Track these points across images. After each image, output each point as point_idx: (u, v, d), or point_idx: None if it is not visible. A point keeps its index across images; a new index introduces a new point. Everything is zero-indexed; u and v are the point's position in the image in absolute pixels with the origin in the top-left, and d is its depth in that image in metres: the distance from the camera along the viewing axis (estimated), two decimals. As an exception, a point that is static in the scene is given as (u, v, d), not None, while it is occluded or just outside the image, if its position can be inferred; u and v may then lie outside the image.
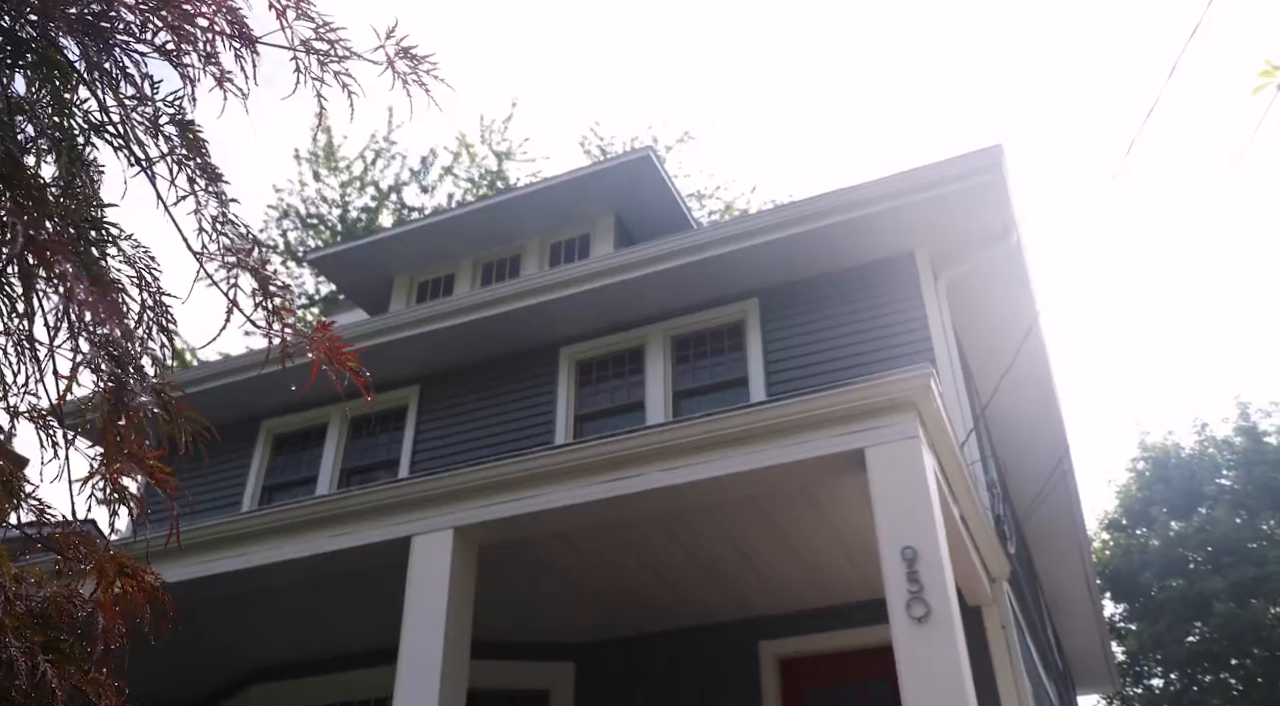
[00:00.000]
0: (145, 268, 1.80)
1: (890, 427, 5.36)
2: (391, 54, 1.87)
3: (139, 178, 1.74)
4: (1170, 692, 23.44)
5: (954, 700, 4.53)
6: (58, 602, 1.39)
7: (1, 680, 1.20)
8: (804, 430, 5.54)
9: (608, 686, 7.73)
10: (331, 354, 1.93)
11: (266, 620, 7.42)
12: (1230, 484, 24.05)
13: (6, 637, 1.25)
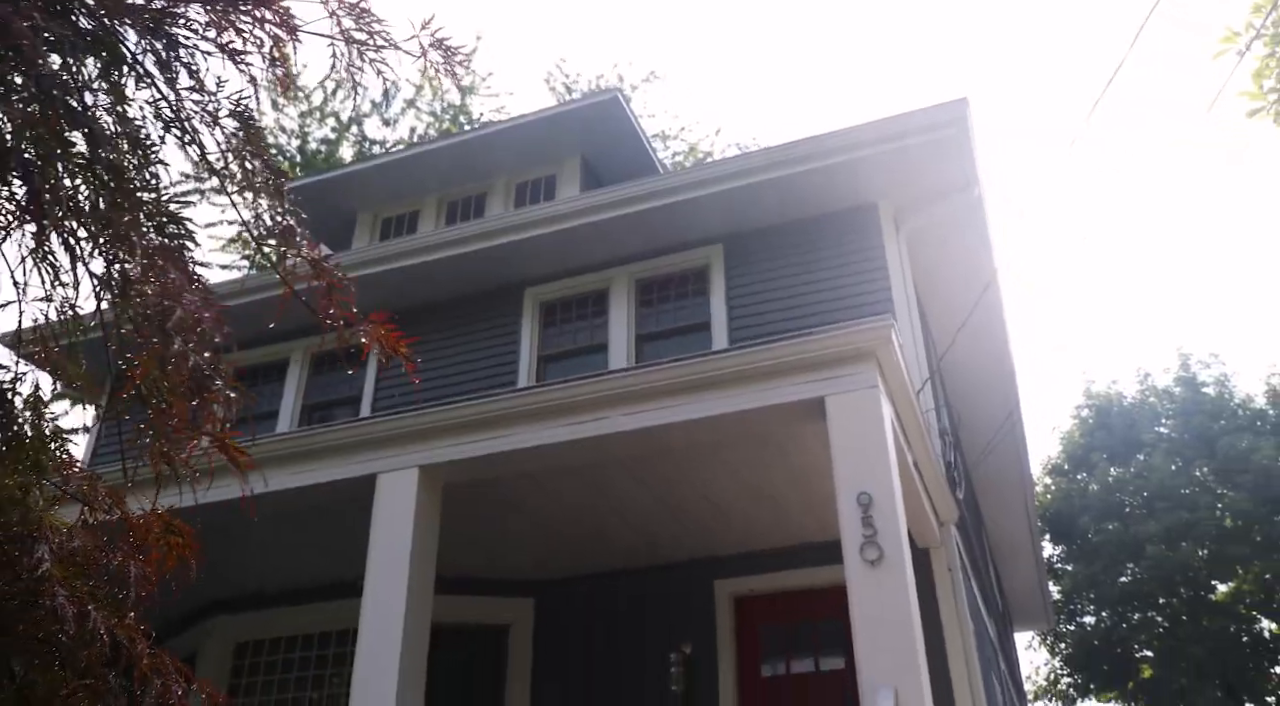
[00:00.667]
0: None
1: (851, 377, 5.52)
2: (426, 44, 1.90)
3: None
4: (1101, 630, 24.43)
5: (902, 638, 4.76)
6: (87, 552, 1.45)
7: (50, 626, 1.28)
8: (767, 378, 5.67)
9: (565, 622, 7.93)
10: (335, 296, 2.01)
11: (230, 554, 7.48)
12: (1168, 432, 24.85)
13: (55, 587, 1.32)
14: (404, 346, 2.01)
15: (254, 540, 7.27)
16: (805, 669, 7.29)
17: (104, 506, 1.56)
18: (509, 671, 7.84)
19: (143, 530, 1.68)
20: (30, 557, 1.32)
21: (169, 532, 1.73)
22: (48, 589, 1.30)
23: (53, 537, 1.36)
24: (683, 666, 7.32)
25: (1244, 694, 22.46)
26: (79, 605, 1.38)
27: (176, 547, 1.69)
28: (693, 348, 8.31)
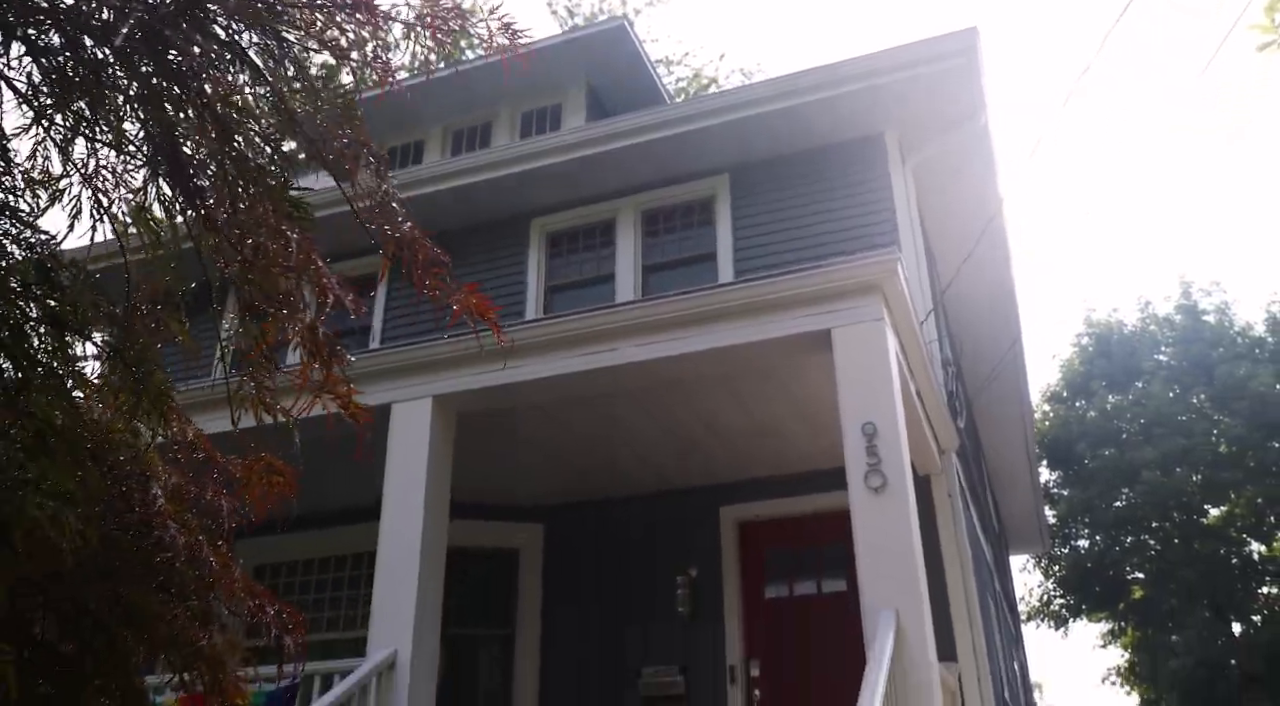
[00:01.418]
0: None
1: (856, 309, 5.61)
2: (494, 29, 1.97)
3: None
4: (1094, 553, 24.93)
5: (903, 562, 4.95)
6: (181, 487, 1.58)
7: (159, 554, 1.41)
8: (773, 310, 5.77)
9: (574, 546, 8.17)
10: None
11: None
12: (1167, 359, 25.01)
13: (166, 520, 1.45)
14: (492, 313, 2.13)
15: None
16: (808, 591, 7.54)
17: (199, 449, 1.69)
18: (520, 592, 8.11)
19: (246, 471, 1.83)
20: (146, 493, 1.45)
21: (270, 472, 1.88)
22: (160, 521, 1.43)
23: (161, 477, 1.49)
24: (689, 588, 7.58)
25: (1231, 613, 23.04)
26: (187, 535, 1.51)
27: (278, 486, 1.84)
28: (699, 278, 8.38)
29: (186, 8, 1.54)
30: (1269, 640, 21.46)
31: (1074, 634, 59.50)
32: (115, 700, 1.28)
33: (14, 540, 1.11)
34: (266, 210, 1.77)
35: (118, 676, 1.28)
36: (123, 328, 1.65)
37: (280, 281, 1.87)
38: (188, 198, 1.71)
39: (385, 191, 2.04)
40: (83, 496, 1.28)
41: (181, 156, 1.68)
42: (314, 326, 1.95)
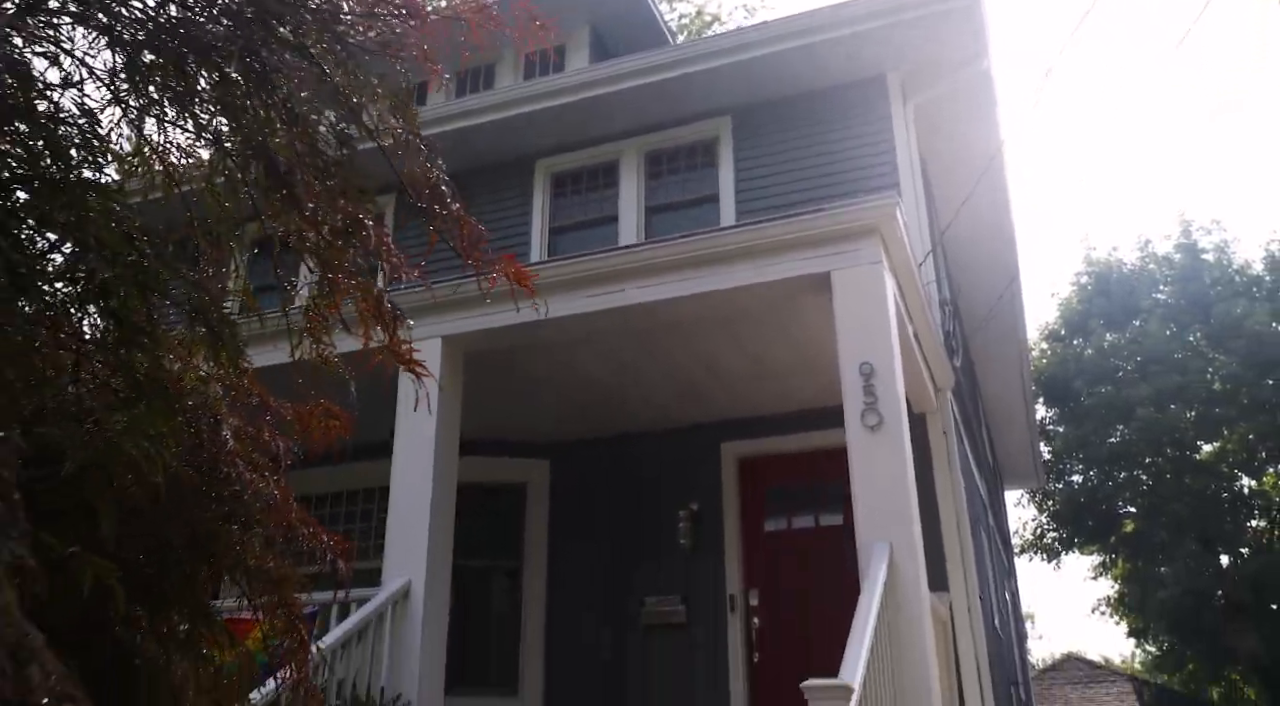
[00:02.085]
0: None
1: (855, 252, 5.75)
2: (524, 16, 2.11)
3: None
4: (1087, 488, 25.34)
5: (898, 497, 5.17)
6: (240, 431, 1.74)
7: (228, 488, 1.58)
8: (774, 253, 5.91)
9: (578, 482, 8.41)
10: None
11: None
12: (1165, 298, 25.14)
13: (235, 458, 1.63)
14: (529, 280, 2.32)
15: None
16: (806, 525, 7.79)
17: (254, 395, 1.87)
18: (527, 526, 8.38)
19: (306, 416, 2.03)
20: (217, 435, 1.62)
21: (328, 416, 2.07)
22: (229, 459, 1.60)
23: (227, 419, 1.66)
24: (690, 522, 7.84)
25: (1219, 546, 23.52)
26: (252, 472, 1.69)
27: (335, 429, 2.04)
28: (701, 220, 8.49)
29: (261, 15, 1.69)
30: (1255, 571, 21.95)
31: (1066, 566, 60.62)
32: (188, 619, 1.46)
33: (113, 475, 1.28)
34: (342, 197, 1.95)
35: (191, 598, 1.46)
36: (201, 290, 1.83)
37: (346, 256, 2.06)
38: (277, 184, 1.88)
39: (436, 176, 2.20)
40: (171, 437, 1.47)
41: (270, 149, 1.85)
42: (380, 297, 2.16)
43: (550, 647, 8.03)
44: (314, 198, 1.94)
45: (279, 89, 1.82)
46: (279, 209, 2.01)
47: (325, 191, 1.96)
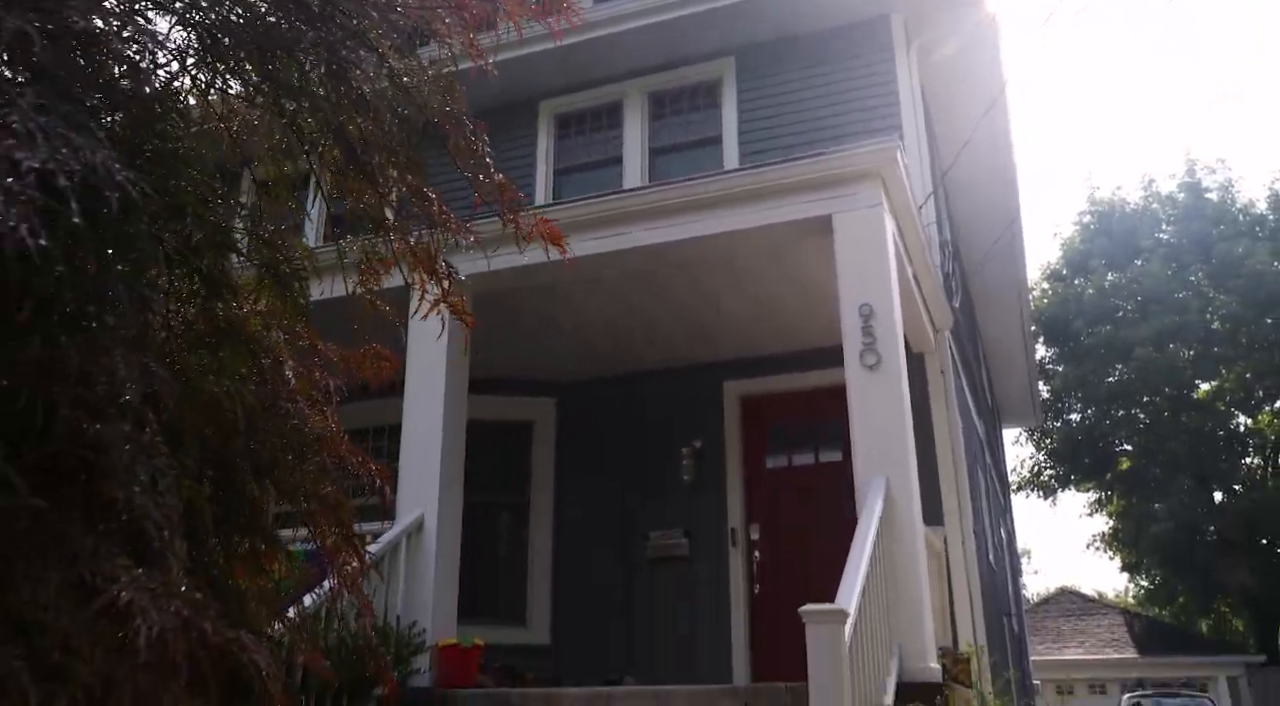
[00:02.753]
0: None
1: (856, 196, 5.85)
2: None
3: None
4: (1085, 426, 25.66)
5: (895, 434, 5.35)
6: (296, 371, 1.90)
7: (287, 423, 1.74)
8: (777, 196, 6.01)
9: (584, 419, 8.60)
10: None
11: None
12: (1167, 238, 25.17)
13: (296, 395, 1.79)
14: (562, 239, 2.50)
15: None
16: (806, 461, 8.00)
17: (305, 339, 2.05)
18: (533, 463, 8.60)
19: (359, 358, 2.22)
20: (280, 374, 1.78)
21: (378, 358, 2.27)
22: (289, 395, 1.77)
23: (288, 361, 1.83)
24: (693, 459, 8.04)
25: (1214, 483, 23.89)
26: (310, 407, 1.86)
27: (384, 369, 2.24)
28: (705, 162, 8.55)
29: (332, 11, 1.83)
30: (1247, 507, 22.33)
31: (1062, 503, 61.50)
32: (254, 542, 1.63)
33: (199, 408, 1.44)
34: (408, 172, 2.14)
35: (254, 519, 1.62)
36: (271, 246, 2.00)
37: (406, 224, 2.27)
38: (353, 163, 2.06)
39: (482, 153, 2.37)
40: (248, 377, 1.64)
41: (348, 135, 2.02)
42: (435, 256, 2.38)
43: (557, 580, 8.30)
44: (384, 173, 2.15)
45: (352, 79, 1.99)
46: (354, 183, 2.20)
47: (394, 167, 2.16)
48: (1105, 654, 23.92)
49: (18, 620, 1.08)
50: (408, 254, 2.39)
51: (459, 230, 2.46)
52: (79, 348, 1.20)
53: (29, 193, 1.13)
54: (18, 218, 1.06)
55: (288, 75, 1.98)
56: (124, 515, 1.20)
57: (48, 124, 1.19)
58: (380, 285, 2.66)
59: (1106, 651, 24.02)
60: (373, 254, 2.47)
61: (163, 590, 1.18)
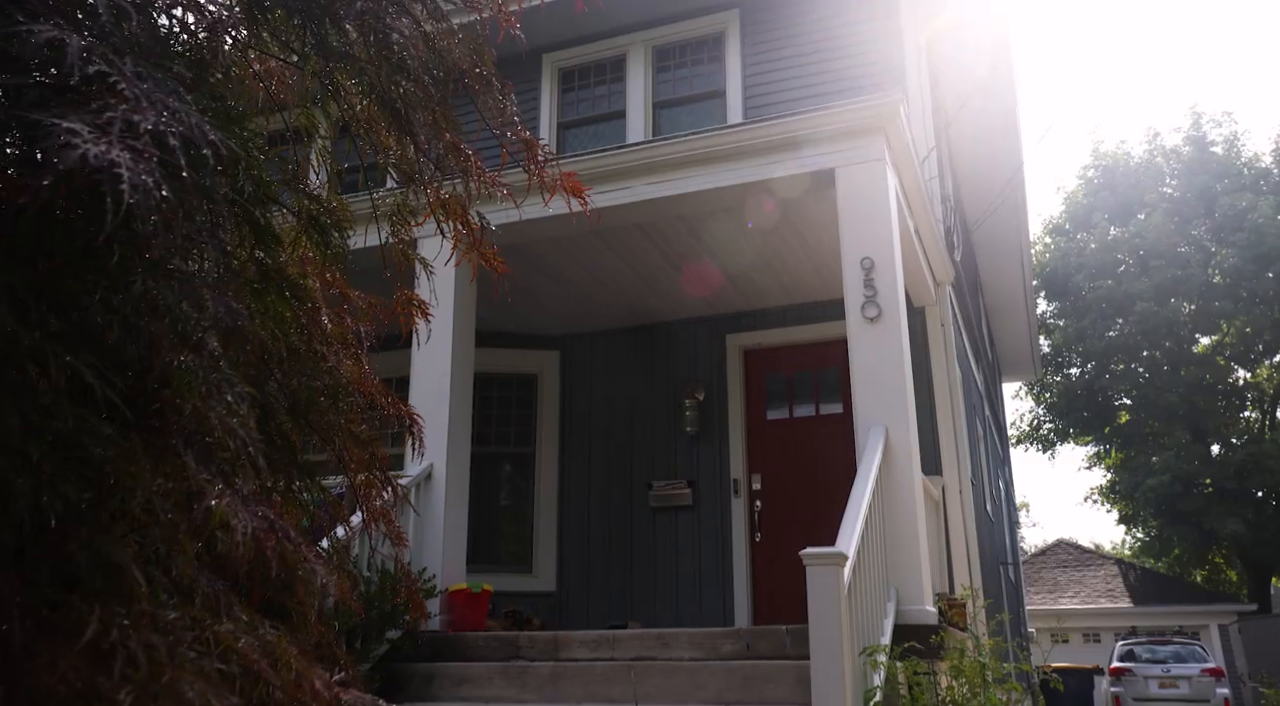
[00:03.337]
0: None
1: (859, 150, 5.91)
2: None
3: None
4: (1084, 380, 25.81)
5: (894, 385, 5.46)
6: (332, 316, 2.03)
7: (325, 366, 1.85)
8: (781, 150, 6.06)
9: (588, 370, 8.73)
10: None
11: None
12: (1171, 191, 25.10)
13: (330, 339, 1.90)
14: (584, 191, 2.60)
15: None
16: (807, 413, 8.13)
17: (335, 287, 2.17)
18: (539, 414, 8.74)
19: (398, 305, 2.39)
20: (317, 318, 1.89)
21: (410, 304, 2.40)
22: (323, 338, 1.88)
23: (323, 306, 1.95)
24: (697, 410, 8.17)
25: (1210, 436, 24.10)
26: (344, 350, 1.98)
27: (423, 314, 2.41)
28: (708, 115, 8.57)
29: None
30: (1243, 459, 22.54)
31: (1060, 457, 61.92)
32: (290, 478, 1.74)
33: (248, 350, 1.56)
34: (446, 131, 2.25)
35: (293, 460, 1.73)
36: (311, 198, 2.12)
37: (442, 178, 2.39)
38: (396, 123, 2.17)
39: (510, 112, 2.47)
40: (292, 322, 1.76)
41: (393, 97, 2.13)
42: (465, 208, 2.54)
43: (562, 529, 8.48)
44: (424, 131, 2.26)
45: (394, 44, 2.08)
46: (387, 140, 2.31)
47: (432, 125, 2.27)
48: (1100, 603, 24.31)
49: (133, 522, 1.22)
50: (439, 206, 2.50)
51: (493, 184, 2.58)
52: (176, 289, 1.33)
53: (150, 151, 1.25)
54: (145, 173, 1.18)
55: (331, 39, 2.08)
56: (211, 435, 1.32)
57: (148, 90, 1.30)
58: (411, 235, 2.76)
59: (1101, 601, 24.40)
60: (404, 206, 2.58)
61: (250, 498, 1.32)
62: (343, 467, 1.93)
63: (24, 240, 1.33)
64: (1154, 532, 26.84)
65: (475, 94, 2.61)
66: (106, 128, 1.28)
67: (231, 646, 1.24)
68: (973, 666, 4.35)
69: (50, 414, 1.16)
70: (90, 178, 1.22)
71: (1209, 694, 16.42)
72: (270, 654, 1.32)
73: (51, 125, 1.25)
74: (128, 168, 1.24)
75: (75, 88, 1.34)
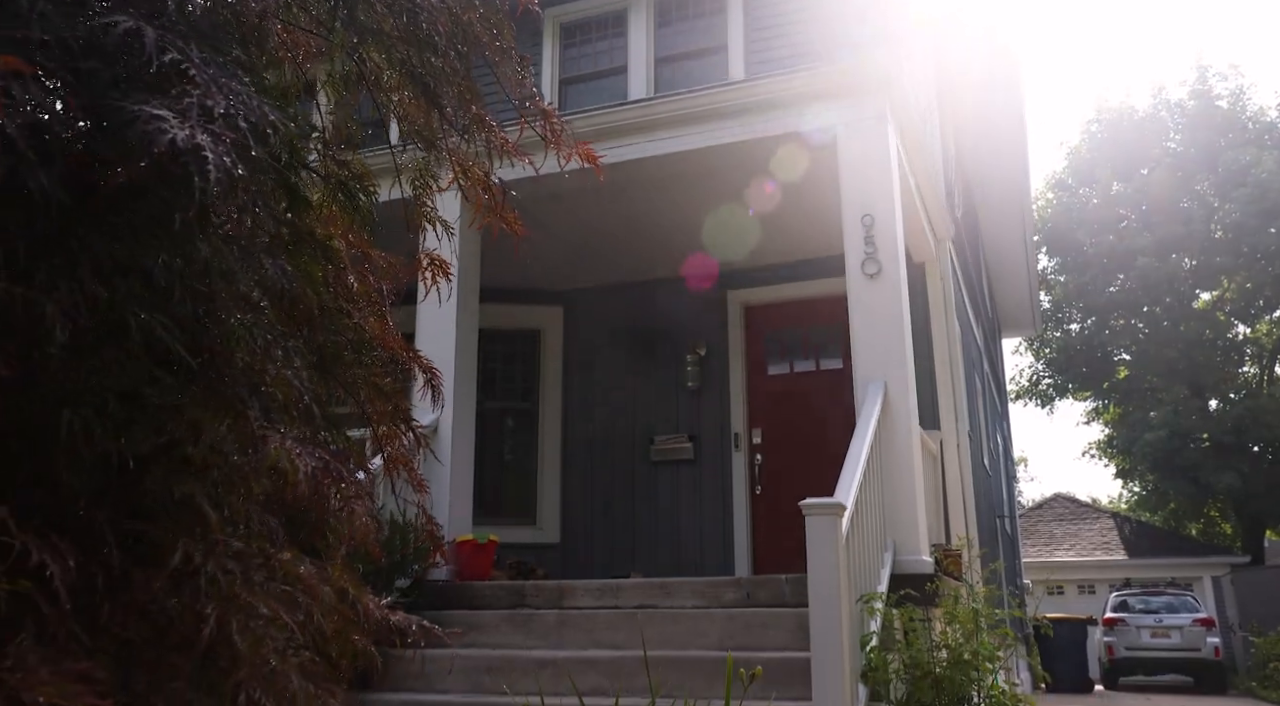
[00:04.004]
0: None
1: (860, 107, 5.94)
2: None
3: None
4: (1084, 336, 25.87)
5: (893, 340, 5.55)
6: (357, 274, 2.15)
7: (350, 321, 1.95)
8: (781, 107, 6.09)
9: (590, 327, 8.81)
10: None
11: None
12: (1175, 146, 24.96)
13: (355, 295, 2.00)
14: (599, 160, 2.71)
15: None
16: (807, 368, 8.22)
17: (358, 248, 2.29)
18: (542, 368, 8.84)
19: (418, 264, 2.49)
20: (343, 277, 1.98)
21: (434, 263, 2.51)
22: (348, 295, 1.98)
23: (349, 266, 2.05)
24: (698, 365, 8.27)
25: (1208, 392, 24.22)
26: (370, 308, 2.08)
27: (445, 273, 2.51)
28: (710, 72, 8.55)
29: None
30: (1241, 413, 22.68)
31: (1059, 412, 62.27)
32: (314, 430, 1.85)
33: (284, 304, 1.66)
34: (471, 104, 2.35)
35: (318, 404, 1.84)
36: (341, 164, 2.22)
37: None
38: (425, 97, 2.26)
39: (529, 83, 2.57)
40: (322, 279, 1.86)
41: (422, 74, 2.22)
42: (488, 175, 2.80)
43: (565, 482, 8.62)
44: (451, 103, 2.34)
45: (422, 21, 2.17)
46: (412, 109, 2.39)
47: (458, 98, 2.35)
48: (1095, 556, 24.61)
49: (198, 466, 1.33)
50: (462, 173, 2.61)
51: (516, 153, 2.69)
52: (236, 254, 1.43)
53: (226, 134, 1.37)
54: (224, 154, 1.28)
55: (360, 13, 2.15)
56: (266, 385, 1.43)
57: (214, 74, 1.39)
58: (433, 198, 2.86)
59: (1097, 554, 24.71)
60: (426, 170, 2.68)
61: (308, 441, 1.43)
62: (366, 419, 2.03)
63: (102, 212, 1.43)
64: (1150, 486, 27.09)
65: (495, 65, 2.70)
66: (186, 113, 1.41)
67: (293, 572, 1.37)
68: (966, 612, 4.49)
69: (123, 369, 1.28)
70: (177, 159, 1.35)
71: (1200, 643, 16.72)
72: (327, 580, 1.44)
73: (138, 111, 1.38)
74: (210, 150, 1.37)
75: (151, 74, 1.46)
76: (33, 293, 1.30)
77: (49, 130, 1.36)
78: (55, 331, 1.28)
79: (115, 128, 1.40)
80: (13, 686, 1.09)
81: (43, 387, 1.29)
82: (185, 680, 1.31)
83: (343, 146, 2.49)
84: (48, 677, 1.12)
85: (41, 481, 1.31)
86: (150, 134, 1.31)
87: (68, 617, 1.21)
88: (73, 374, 1.31)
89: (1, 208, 1.35)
